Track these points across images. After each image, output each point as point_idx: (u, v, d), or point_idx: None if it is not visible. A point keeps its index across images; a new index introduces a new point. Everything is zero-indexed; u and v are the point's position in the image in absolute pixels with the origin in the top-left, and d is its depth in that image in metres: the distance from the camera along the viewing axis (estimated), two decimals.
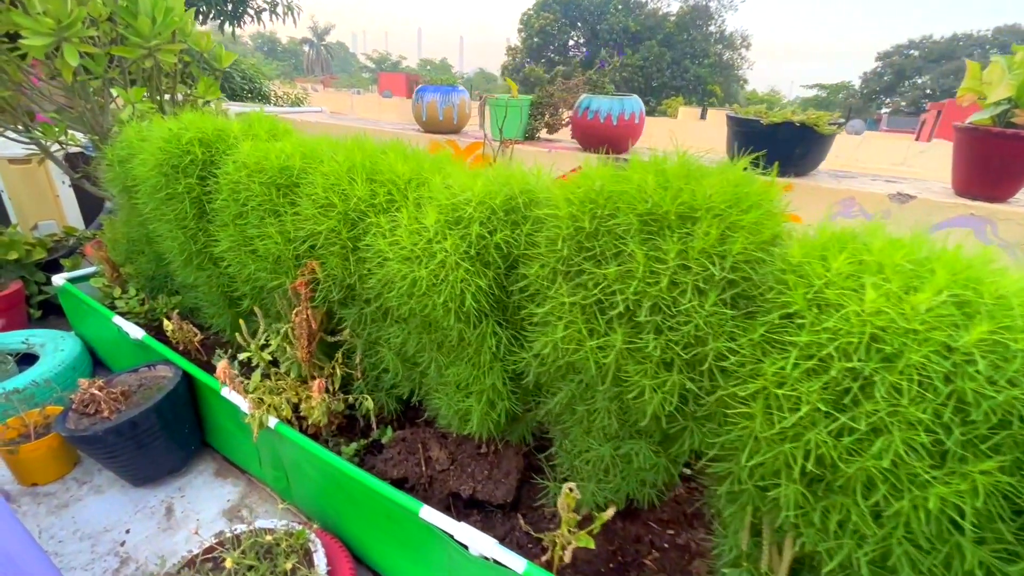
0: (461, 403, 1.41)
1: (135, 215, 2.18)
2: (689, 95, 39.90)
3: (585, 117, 2.11)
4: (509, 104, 2.31)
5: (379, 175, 1.40)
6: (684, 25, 41.99)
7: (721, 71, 43.90)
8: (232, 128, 1.80)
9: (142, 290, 2.43)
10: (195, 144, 1.73)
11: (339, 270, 1.42)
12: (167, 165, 1.73)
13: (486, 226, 1.21)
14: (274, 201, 1.54)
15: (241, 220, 1.64)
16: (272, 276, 1.61)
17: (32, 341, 2.36)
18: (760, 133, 1.73)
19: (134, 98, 2.30)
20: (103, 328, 2.25)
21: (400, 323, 1.42)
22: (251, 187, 1.57)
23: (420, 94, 2.54)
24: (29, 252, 2.67)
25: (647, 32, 41.81)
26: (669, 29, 41.61)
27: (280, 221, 1.54)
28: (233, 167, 1.62)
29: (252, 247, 1.63)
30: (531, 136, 2.45)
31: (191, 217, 1.77)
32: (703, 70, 41.21)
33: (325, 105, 10.15)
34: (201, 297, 2.03)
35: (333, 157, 1.49)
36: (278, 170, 1.53)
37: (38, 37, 1.93)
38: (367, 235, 1.36)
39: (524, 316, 1.29)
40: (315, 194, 1.42)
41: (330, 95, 21.08)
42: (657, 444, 1.23)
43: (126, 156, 2.03)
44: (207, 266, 1.87)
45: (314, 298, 1.58)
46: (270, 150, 1.59)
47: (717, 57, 43.57)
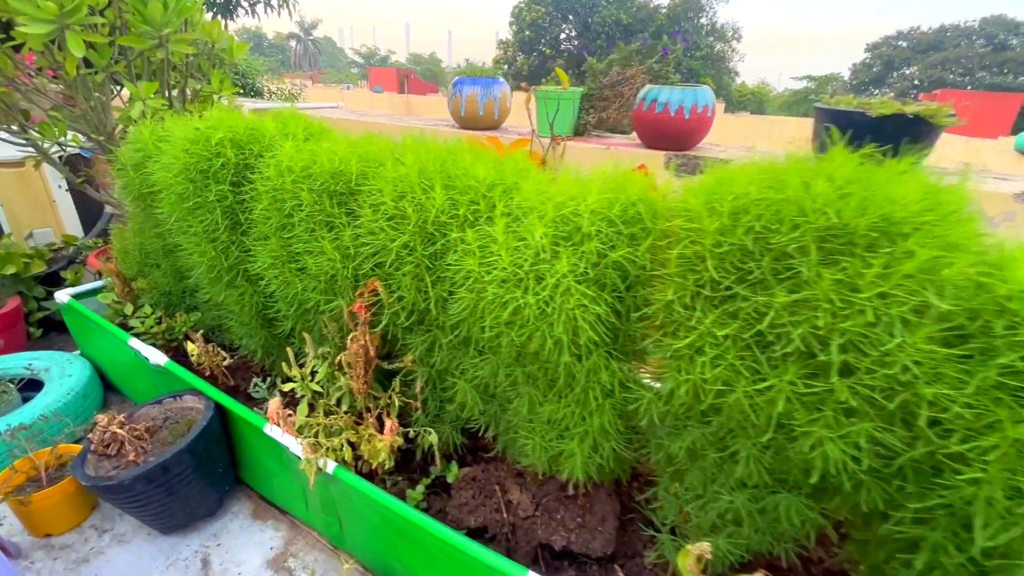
0: (557, 444, 1.22)
1: (150, 224, 1.95)
2: None
3: (652, 110, 1.91)
4: (561, 97, 2.11)
5: (456, 181, 1.20)
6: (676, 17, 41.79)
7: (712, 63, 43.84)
8: (267, 127, 1.58)
9: (157, 306, 2.20)
10: (226, 145, 1.51)
11: (412, 293, 1.22)
12: (194, 170, 1.51)
13: (604, 241, 1.01)
14: (327, 211, 1.33)
15: (286, 233, 1.42)
16: (325, 297, 1.40)
17: (35, 365, 2.13)
18: (864, 126, 1.55)
19: (145, 94, 2.06)
20: (116, 350, 2.03)
21: (486, 353, 1.22)
22: (298, 195, 1.36)
23: (458, 87, 2.32)
24: (27, 265, 2.43)
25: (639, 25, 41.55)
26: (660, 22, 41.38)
27: (335, 234, 1.33)
28: (275, 171, 1.41)
29: (299, 264, 1.42)
30: (581, 132, 2.25)
31: (223, 229, 1.55)
32: (695, 63, 41.06)
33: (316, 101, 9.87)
34: (230, 317, 1.81)
35: (398, 160, 1.28)
36: (331, 175, 1.32)
37: (38, 24, 1.69)
38: (449, 253, 1.15)
39: (644, 347, 1.10)
40: (381, 204, 1.21)
41: (319, 91, 20.61)
42: (807, 496, 1.05)
43: (141, 159, 1.81)
44: (240, 284, 1.65)
45: (373, 322, 1.37)
46: (318, 152, 1.38)
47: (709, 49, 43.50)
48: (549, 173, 1.19)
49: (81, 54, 1.74)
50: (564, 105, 2.15)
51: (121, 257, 2.21)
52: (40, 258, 2.58)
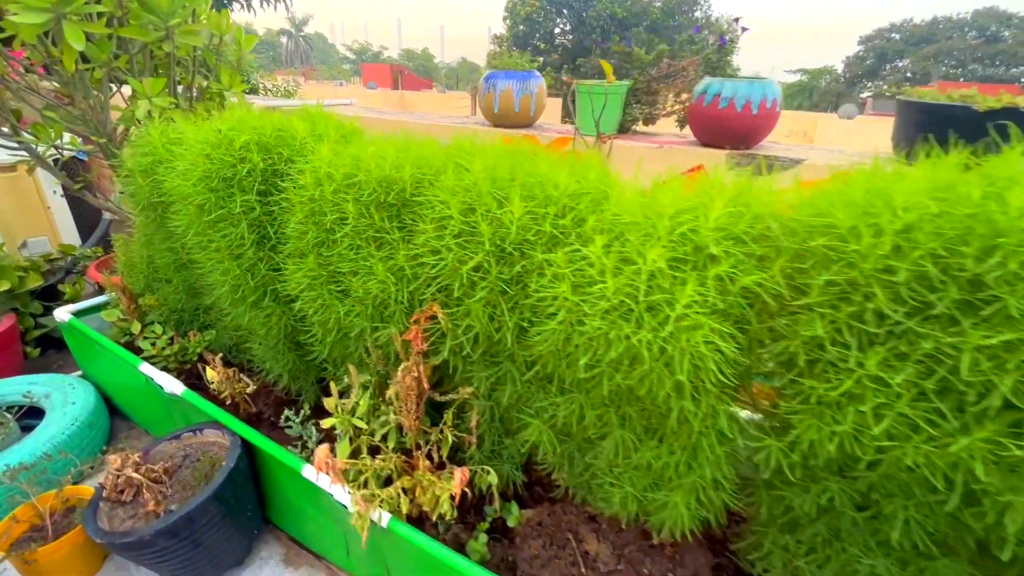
0: (654, 494, 1.05)
1: (161, 236, 1.77)
2: None
3: (715, 106, 1.74)
4: (609, 92, 1.93)
5: (534, 191, 1.02)
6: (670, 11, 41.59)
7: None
8: (296, 128, 1.40)
9: (166, 324, 2.02)
10: (252, 150, 1.33)
11: (483, 322, 1.04)
12: (216, 178, 1.33)
13: (731, 264, 0.84)
14: (377, 225, 1.15)
15: (325, 250, 1.24)
16: (372, 323, 1.23)
17: (35, 391, 1.94)
18: (967, 121, 1.38)
19: (151, 91, 1.87)
20: (124, 375, 1.84)
21: (571, 391, 1.05)
22: (341, 207, 1.18)
23: (491, 82, 2.14)
24: (22, 279, 2.23)
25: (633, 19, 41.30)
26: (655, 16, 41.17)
27: (387, 253, 1.15)
28: (312, 180, 1.23)
29: (341, 285, 1.24)
30: (625, 129, 2.07)
31: (249, 244, 1.37)
32: None
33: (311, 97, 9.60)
34: (253, 339, 1.63)
35: (461, 166, 1.10)
36: (380, 184, 1.14)
37: (31, 13, 1.49)
38: (532, 276, 0.98)
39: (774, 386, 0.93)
40: (446, 218, 1.04)
41: (312, 87, 20.26)
42: (970, 562, 0.89)
43: (150, 165, 1.62)
44: (267, 305, 1.47)
45: (428, 351, 1.20)
46: (362, 157, 1.20)
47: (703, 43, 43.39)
48: (648, 181, 1.02)
49: (81, 47, 1.54)
50: (612, 100, 1.98)
51: (126, 271, 2.02)
52: (36, 270, 2.38)
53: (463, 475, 1.13)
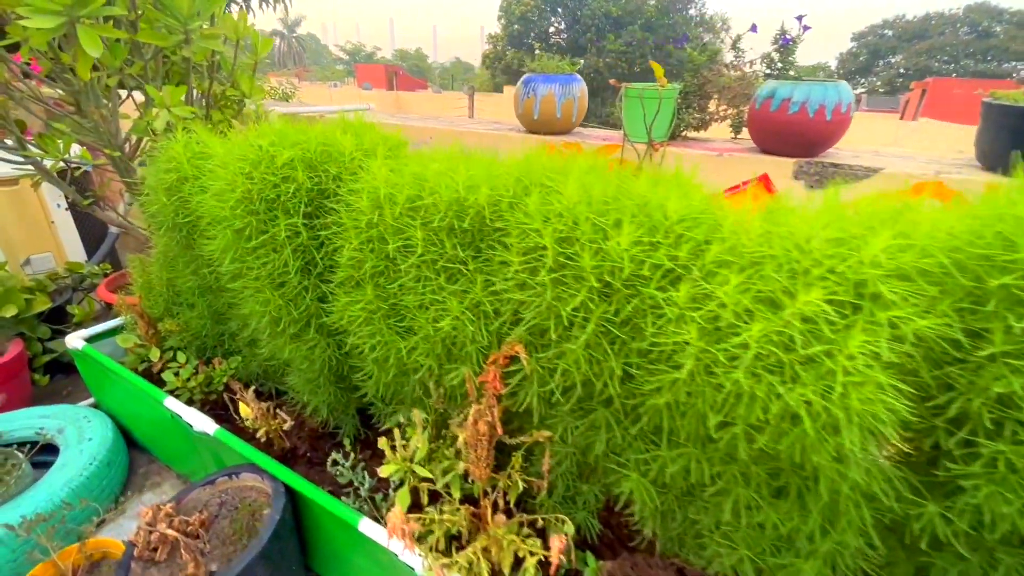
0: (777, 559, 0.92)
1: (185, 258, 1.62)
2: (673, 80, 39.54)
3: (784, 110, 1.61)
4: (663, 95, 1.80)
5: (640, 217, 0.89)
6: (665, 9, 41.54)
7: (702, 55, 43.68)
8: (343, 143, 1.26)
9: (188, 350, 1.88)
10: (297, 167, 1.19)
11: (582, 367, 0.91)
12: (257, 199, 1.19)
13: (902, 306, 0.71)
14: (448, 255, 1.02)
15: (385, 280, 1.11)
16: (440, 363, 1.09)
17: (47, 426, 1.79)
18: None
19: (171, 100, 1.72)
20: (144, 407, 1.70)
21: (685, 445, 0.92)
22: (406, 233, 1.05)
23: (530, 85, 2.01)
24: (29, 302, 2.08)
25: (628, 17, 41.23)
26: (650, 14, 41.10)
27: (462, 287, 1.02)
28: (369, 202, 1.09)
29: (404, 320, 1.11)
30: (674, 135, 1.94)
31: (294, 272, 1.23)
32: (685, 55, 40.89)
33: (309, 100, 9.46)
34: (291, 371, 1.49)
35: (549, 187, 0.97)
36: (452, 208, 1.01)
37: (44, 17, 1.35)
38: (648, 317, 0.85)
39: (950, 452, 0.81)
40: (536, 248, 0.91)
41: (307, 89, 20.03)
42: None
43: (174, 182, 1.48)
44: (311, 338, 1.33)
45: (502, 395, 1.07)
46: (426, 176, 1.07)
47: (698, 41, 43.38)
48: (775, 203, 0.89)
49: (98, 53, 1.40)
50: (664, 105, 1.85)
51: (144, 293, 1.88)
52: (43, 291, 2.23)
53: (560, 544, 1.00)
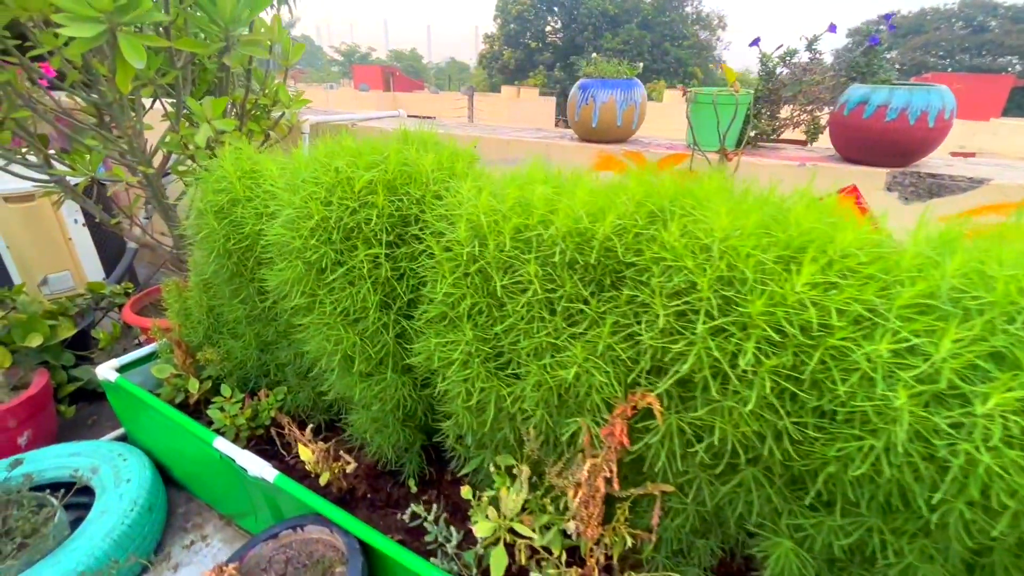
0: None
1: (234, 286, 1.49)
2: (670, 78, 39.52)
3: (880, 117, 1.50)
4: (740, 100, 1.68)
5: (810, 252, 0.77)
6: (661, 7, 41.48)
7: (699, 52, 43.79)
8: (423, 163, 1.14)
9: (228, 380, 1.75)
10: (379, 191, 1.06)
11: (744, 427, 0.79)
12: (334, 227, 1.06)
13: None
14: (569, 293, 0.89)
15: (489, 321, 0.98)
16: (552, 413, 0.97)
17: (79, 466, 1.66)
18: None
19: (212, 113, 1.59)
20: (189, 446, 1.57)
21: (865, 514, 0.80)
22: (516, 267, 0.92)
23: (589, 92, 1.88)
24: (54, 329, 1.94)
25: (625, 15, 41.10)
26: (647, 12, 40.99)
27: (587, 329, 0.89)
28: (467, 232, 0.96)
29: (509, 366, 0.98)
30: (740, 142, 1.82)
31: (373, 308, 1.10)
32: (683, 52, 40.89)
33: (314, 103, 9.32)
34: (359, 410, 1.36)
35: (689, 214, 0.85)
36: (569, 238, 0.88)
37: (84, 25, 1.21)
38: (833, 371, 0.72)
39: None
40: (685, 289, 0.78)
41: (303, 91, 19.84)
42: None
43: (226, 204, 1.35)
44: (386, 377, 1.21)
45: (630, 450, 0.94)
46: (535, 201, 0.94)
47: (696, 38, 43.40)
48: None
49: (141, 63, 1.27)
50: (730, 111, 1.73)
51: (180, 320, 1.74)
52: (65, 315, 2.10)
53: None
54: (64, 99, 2.08)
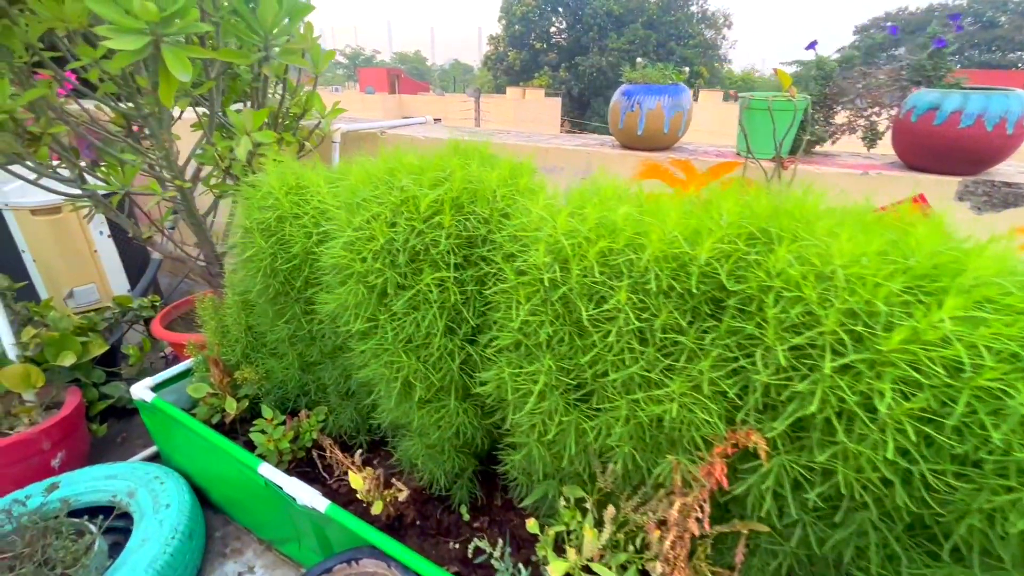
0: None
1: (279, 306, 1.44)
2: None
3: (953, 124, 1.43)
4: (798, 105, 1.61)
5: (945, 281, 0.70)
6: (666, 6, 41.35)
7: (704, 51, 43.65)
8: (489, 179, 1.07)
9: (267, 400, 1.69)
10: (446, 211, 1.00)
11: (870, 473, 0.72)
12: (403, 250, 1.00)
13: None
14: (665, 323, 0.83)
15: (570, 350, 0.92)
16: (642, 449, 0.90)
17: (115, 489, 1.61)
18: None
19: (252, 125, 1.54)
20: (230, 470, 1.51)
21: (1006, 569, 0.73)
22: (602, 294, 0.86)
23: (634, 98, 1.82)
24: (85, 346, 1.89)
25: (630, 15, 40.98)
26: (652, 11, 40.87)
27: (686, 361, 0.83)
28: (547, 256, 0.90)
29: (592, 398, 0.92)
30: (794, 150, 1.75)
31: (439, 333, 1.04)
32: (689, 51, 40.75)
33: None
34: (413, 436, 1.30)
35: (800, 238, 0.78)
36: (664, 263, 0.82)
37: (128, 37, 1.16)
38: (978, 416, 0.65)
39: None
40: (804, 324, 0.72)
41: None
42: None
43: (273, 222, 1.29)
44: (449, 405, 1.15)
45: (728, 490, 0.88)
46: (618, 223, 0.88)
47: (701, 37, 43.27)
48: None
49: (187, 76, 1.21)
50: (786, 117, 1.66)
51: (218, 338, 1.69)
52: (95, 331, 2.05)
53: None
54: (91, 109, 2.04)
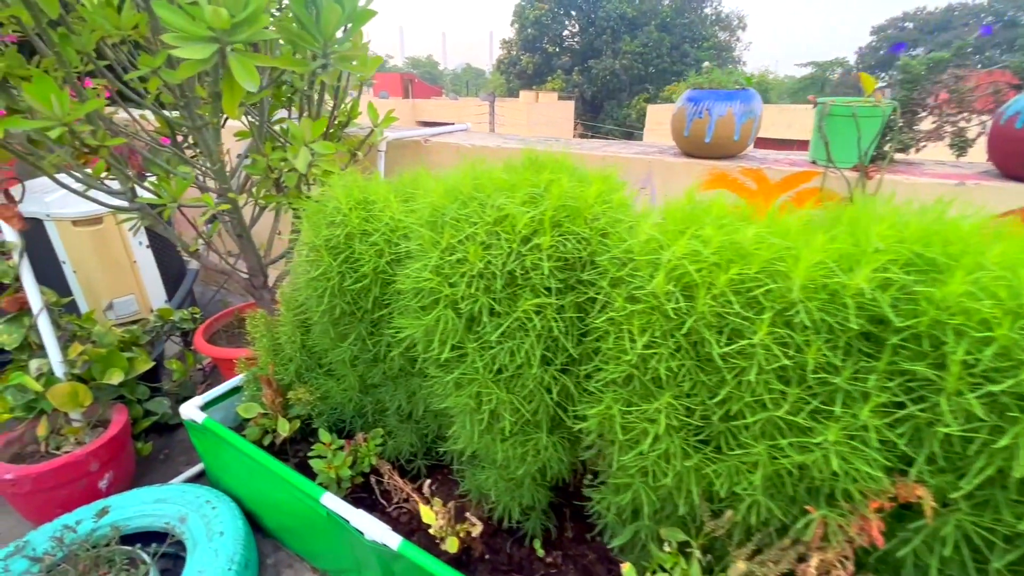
0: None
1: (342, 327, 1.36)
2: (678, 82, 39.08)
3: None
4: (884, 113, 1.51)
5: None
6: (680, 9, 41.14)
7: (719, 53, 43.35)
8: (586, 196, 0.99)
9: (320, 421, 1.62)
10: (545, 231, 0.92)
11: None
12: (497, 273, 0.92)
13: None
14: (813, 362, 0.74)
15: (692, 388, 0.83)
16: (776, 498, 0.81)
17: (166, 514, 1.54)
18: None
19: (312, 135, 1.47)
20: (288, 497, 1.44)
21: None
22: (733, 325, 0.77)
23: (702, 103, 1.73)
24: (132, 362, 1.84)
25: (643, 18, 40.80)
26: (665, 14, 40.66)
27: (847, 407, 0.73)
28: (667, 284, 0.81)
29: (715, 441, 0.83)
30: (885, 158, 1.64)
31: (536, 364, 0.96)
32: (703, 53, 40.47)
33: None
34: (490, 468, 1.22)
35: (990, 266, 0.68)
36: (812, 293, 0.73)
37: (196, 45, 1.10)
38: None
39: None
40: (1007, 367, 0.62)
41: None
42: None
43: (341, 240, 1.22)
44: (538, 439, 1.06)
45: None
46: (747, 245, 0.79)
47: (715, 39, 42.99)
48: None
49: (255, 86, 1.14)
50: (873, 124, 1.56)
51: (272, 358, 1.62)
52: (139, 346, 2.00)
53: None
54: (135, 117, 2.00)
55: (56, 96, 1.19)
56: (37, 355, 1.71)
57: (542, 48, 42.96)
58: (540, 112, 24.57)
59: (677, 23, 39.55)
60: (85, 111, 1.24)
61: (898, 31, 53.09)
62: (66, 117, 1.19)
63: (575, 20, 41.63)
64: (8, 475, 1.52)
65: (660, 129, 21.67)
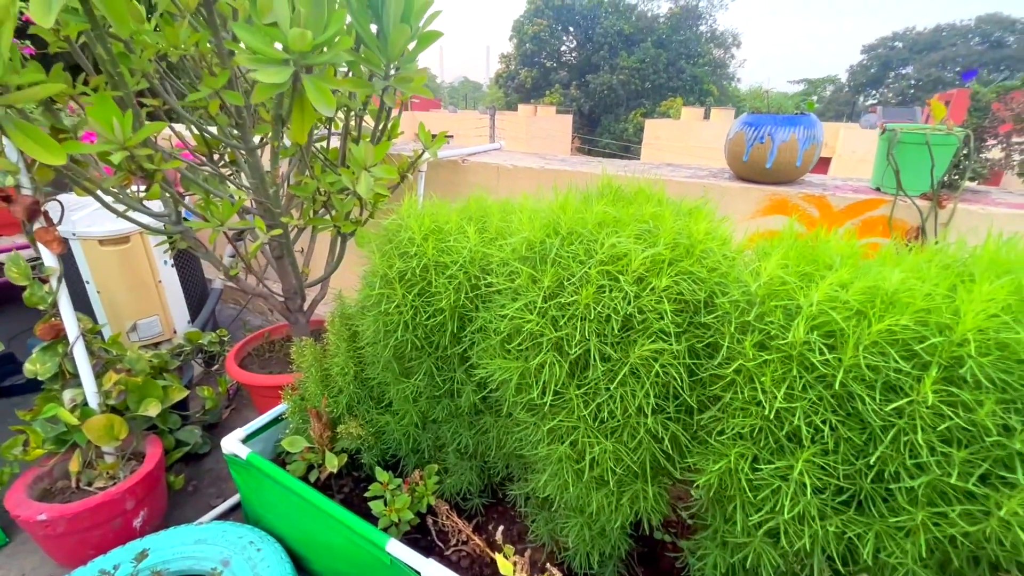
0: None
1: (409, 362, 1.29)
2: (686, 95, 39.58)
3: None
4: (958, 140, 1.47)
5: None
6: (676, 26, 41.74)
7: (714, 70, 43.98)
8: (696, 232, 0.93)
9: (370, 455, 1.54)
10: (663, 273, 0.86)
11: None
12: (610, 314, 0.86)
13: None
14: (983, 423, 0.68)
15: (835, 445, 0.77)
16: (929, 567, 0.75)
17: (208, 556, 1.45)
18: None
19: (374, 158, 1.41)
20: (346, 542, 1.36)
21: None
22: (893, 380, 0.71)
23: (764, 129, 1.69)
24: (166, 391, 1.75)
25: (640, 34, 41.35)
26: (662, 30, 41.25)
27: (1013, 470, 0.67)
28: (808, 332, 0.75)
29: (861, 498, 0.77)
30: (958, 188, 1.61)
31: (648, 413, 0.89)
32: (699, 70, 41.04)
33: None
34: (576, 515, 1.14)
35: None
36: (984, 349, 0.67)
37: (272, 68, 1.04)
38: None
39: None
40: None
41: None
42: None
43: (416, 272, 1.15)
44: (642, 490, 0.99)
45: None
46: (893, 292, 0.73)
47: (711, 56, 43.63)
48: None
49: (331, 111, 1.09)
50: (947, 152, 1.52)
51: (322, 391, 1.55)
52: (168, 370, 1.91)
53: None
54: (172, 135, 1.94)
55: (118, 119, 1.12)
56: (70, 384, 1.62)
57: (540, 63, 43.40)
58: (539, 125, 24.74)
59: (673, 40, 40.11)
60: (146, 135, 1.18)
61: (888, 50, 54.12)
62: (128, 141, 1.12)
63: (573, 36, 42.15)
64: (41, 516, 1.43)
65: (658, 144, 21.80)
